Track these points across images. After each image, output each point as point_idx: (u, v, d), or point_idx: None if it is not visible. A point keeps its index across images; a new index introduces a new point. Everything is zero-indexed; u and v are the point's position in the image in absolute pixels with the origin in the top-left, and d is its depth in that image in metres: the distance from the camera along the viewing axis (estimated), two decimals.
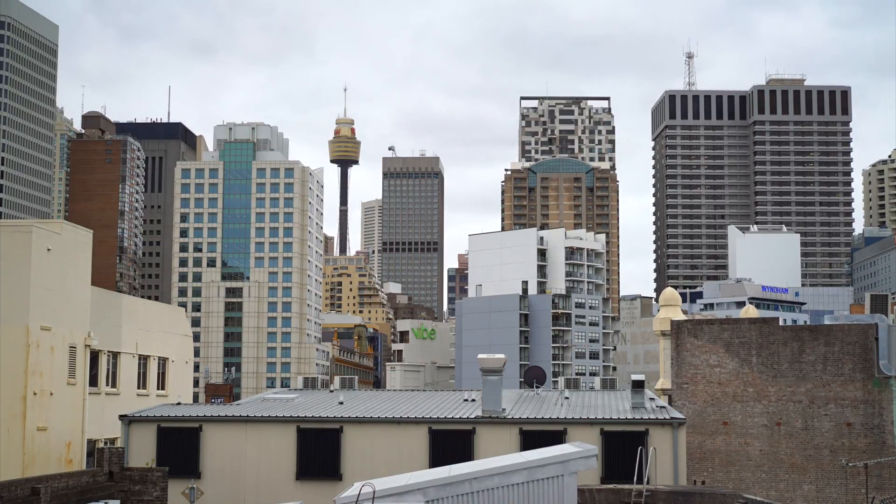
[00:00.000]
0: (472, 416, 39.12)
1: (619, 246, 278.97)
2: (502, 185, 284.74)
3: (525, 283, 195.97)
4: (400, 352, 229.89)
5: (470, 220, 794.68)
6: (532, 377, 48.01)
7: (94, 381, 46.46)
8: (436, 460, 36.75)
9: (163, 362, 55.14)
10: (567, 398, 44.00)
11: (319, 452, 39.03)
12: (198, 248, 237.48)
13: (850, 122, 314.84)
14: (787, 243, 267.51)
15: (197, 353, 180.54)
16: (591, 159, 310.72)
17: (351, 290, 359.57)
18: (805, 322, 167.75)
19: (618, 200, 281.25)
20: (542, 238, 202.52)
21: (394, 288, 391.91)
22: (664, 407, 41.11)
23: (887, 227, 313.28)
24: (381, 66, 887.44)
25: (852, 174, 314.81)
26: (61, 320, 42.66)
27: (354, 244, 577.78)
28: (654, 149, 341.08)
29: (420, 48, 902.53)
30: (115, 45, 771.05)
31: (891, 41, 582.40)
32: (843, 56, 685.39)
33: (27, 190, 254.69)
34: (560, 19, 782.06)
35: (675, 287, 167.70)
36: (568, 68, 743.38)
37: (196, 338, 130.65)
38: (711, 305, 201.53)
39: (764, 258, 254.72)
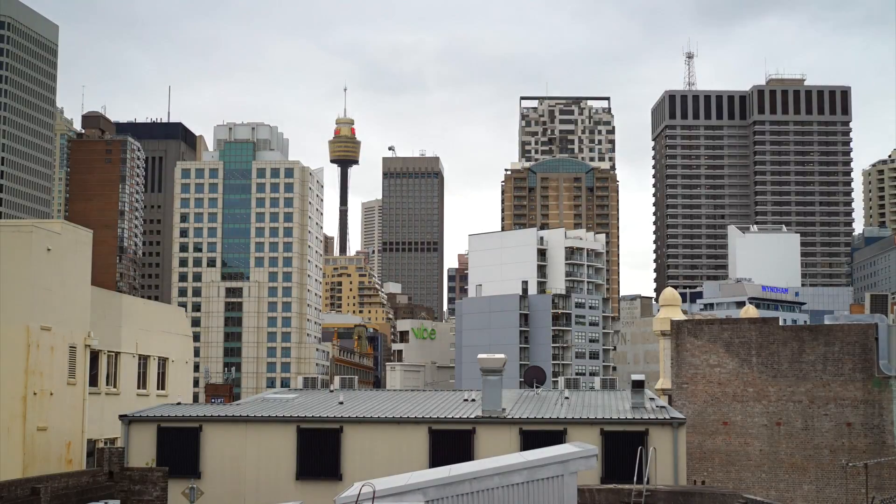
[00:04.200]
0: (472, 416, 39.12)
1: (619, 246, 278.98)
2: (502, 185, 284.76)
3: (525, 283, 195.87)
4: (400, 352, 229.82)
5: (470, 220, 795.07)
6: (532, 377, 48.02)
7: (94, 381, 46.45)
8: (436, 460, 36.75)
9: (163, 362, 55.13)
10: (567, 398, 43.99)
11: (319, 452, 39.03)
12: (198, 248, 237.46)
13: (850, 122, 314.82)
14: (787, 243, 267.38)
15: (197, 353, 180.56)
16: (591, 159, 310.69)
17: (351, 290, 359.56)
18: (805, 322, 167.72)
19: (618, 200, 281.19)
20: (542, 238, 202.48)
21: (394, 288, 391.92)
22: (664, 407, 41.11)
23: (887, 227, 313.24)
24: (382, 66, 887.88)
25: (852, 174, 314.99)
26: (61, 320, 42.65)
27: (354, 244, 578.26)
28: (654, 149, 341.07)
29: (420, 47, 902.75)
30: (115, 44, 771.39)
31: (891, 41, 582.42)
32: (843, 55, 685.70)
33: (27, 190, 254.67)
34: (559, 18, 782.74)
35: (675, 287, 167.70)
36: (568, 68, 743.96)
37: (196, 338, 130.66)
38: (711, 305, 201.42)
39: (764, 258, 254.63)
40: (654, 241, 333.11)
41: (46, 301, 41.70)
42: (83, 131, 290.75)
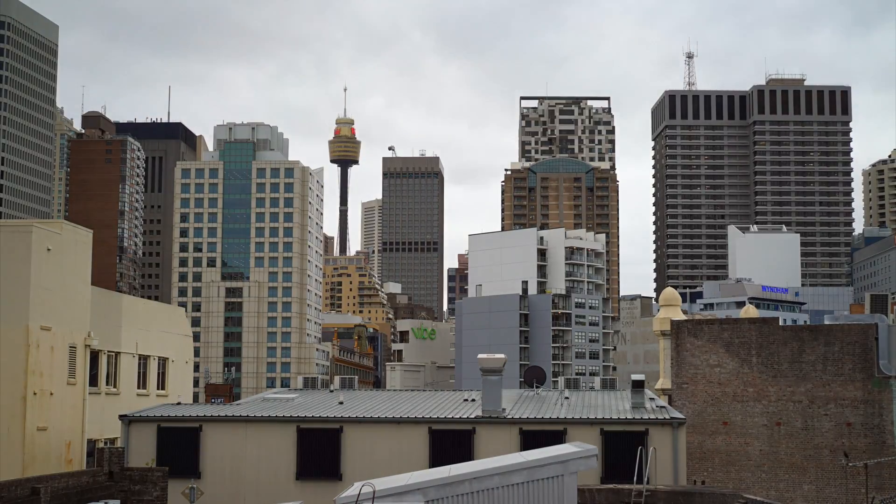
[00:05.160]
0: (472, 416, 39.10)
1: (619, 246, 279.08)
2: (502, 185, 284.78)
3: (525, 283, 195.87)
4: (400, 352, 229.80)
5: (470, 220, 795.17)
6: (532, 377, 47.97)
7: (94, 381, 46.44)
8: (436, 460, 36.72)
9: (163, 362, 55.11)
10: (567, 398, 43.96)
11: (319, 452, 39.01)
12: (198, 248, 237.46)
13: (850, 122, 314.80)
14: (787, 243, 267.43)
15: (197, 353, 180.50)
16: (591, 159, 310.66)
17: (351, 290, 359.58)
18: (805, 322, 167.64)
19: (618, 200, 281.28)
20: (542, 238, 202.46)
21: (394, 288, 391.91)
22: (664, 407, 41.07)
23: (887, 227, 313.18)
24: (382, 65, 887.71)
25: (852, 174, 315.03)
26: (61, 320, 42.64)
27: (354, 244, 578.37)
28: (654, 149, 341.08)
29: (422, 47, 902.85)
30: (115, 44, 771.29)
31: (891, 41, 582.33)
32: (843, 55, 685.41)
33: (27, 190, 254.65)
34: (560, 18, 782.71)
35: (675, 287, 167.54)
36: (568, 68, 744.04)
37: (196, 338, 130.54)
38: (711, 305, 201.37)
39: (764, 258, 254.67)
40: (654, 241, 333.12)
41: (46, 301, 41.69)
42: (83, 131, 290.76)
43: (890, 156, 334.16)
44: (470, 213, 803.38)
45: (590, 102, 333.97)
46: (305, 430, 39.24)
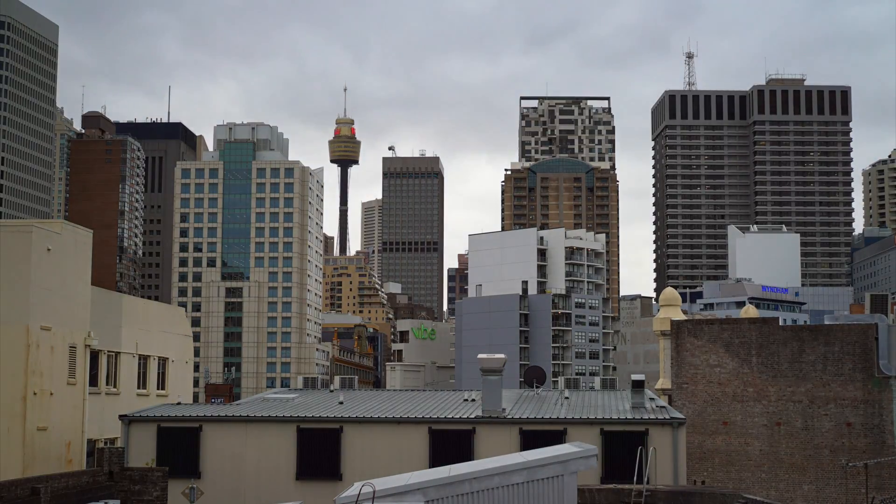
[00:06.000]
0: (472, 416, 39.11)
1: (619, 246, 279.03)
2: (502, 185, 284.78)
3: (525, 283, 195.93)
4: (400, 352, 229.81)
5: (470, 220, 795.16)
6: (532, 377, 47.98)
7: (94, 381, 46.42)
8: (436, 460, 36.72)
9: (163, 362, 55.10)
10: (567, 398, 43.96)
11: (319, 452, 39.03)
12: (198, 248, 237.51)
13: (850, 122, 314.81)
14: (787, 243, 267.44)
15: (197, 353, 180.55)
16: (591, 159, 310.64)
17: (351, 290, 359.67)
18: (805, 322, 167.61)
19: (618, 200, 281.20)
20: (542, 238, 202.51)
21: (394, 288, 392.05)
22: (664, 407, 41.05)
23: (887, 227, 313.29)
24: (382, 65, 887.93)
25: (852, 174, 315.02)
26: (61, 320, 42.63)
27: (354, 244, 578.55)
28: (654, 149, 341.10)
29: (421, 46, 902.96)
30: (115, 44, 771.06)
31: (892, 40, 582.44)
32: (843, 55, 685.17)
33: (27, 190, 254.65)
34: (560, 18, 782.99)
35: (675, 287, 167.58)
36: (568, 67, 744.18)
37: (196, 338, 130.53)
38: (711, 305, 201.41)
39: (764, 258, 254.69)
40: (654, 241, 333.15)
41: (46, 301, 41.68)
42: (83, 131, 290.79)
43: (890, 156, 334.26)
44: (470, 213, 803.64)
45: (590, 102, 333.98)
46: (305, 430, 39.24)
